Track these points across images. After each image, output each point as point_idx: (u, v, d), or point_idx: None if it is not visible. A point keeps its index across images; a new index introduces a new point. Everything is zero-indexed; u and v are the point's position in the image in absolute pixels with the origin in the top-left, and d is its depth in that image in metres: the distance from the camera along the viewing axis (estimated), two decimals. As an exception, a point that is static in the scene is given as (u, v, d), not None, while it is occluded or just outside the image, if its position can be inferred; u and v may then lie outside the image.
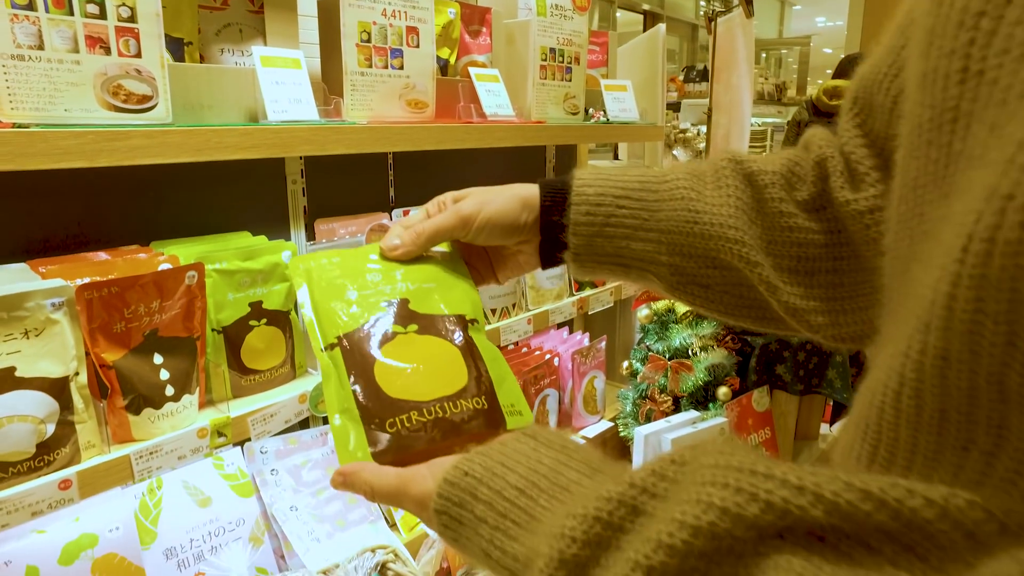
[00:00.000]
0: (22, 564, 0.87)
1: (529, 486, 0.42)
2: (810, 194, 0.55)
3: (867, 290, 0.55)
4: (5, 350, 0.77)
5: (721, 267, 0.56)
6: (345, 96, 1.08)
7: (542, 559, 0.35)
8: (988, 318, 0.26)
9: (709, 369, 1.69)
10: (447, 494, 0.44)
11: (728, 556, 0.29)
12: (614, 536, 0.33)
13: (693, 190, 0.57)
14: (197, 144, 0.87)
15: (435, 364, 0.56)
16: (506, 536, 0.40)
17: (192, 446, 0.94)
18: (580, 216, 0.58)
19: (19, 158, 0.73)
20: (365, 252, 0.63)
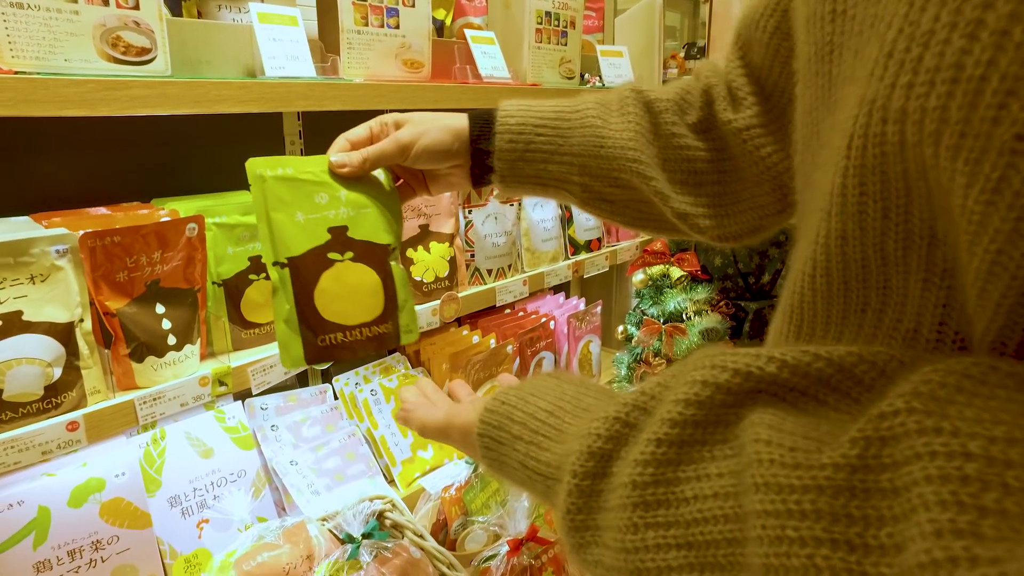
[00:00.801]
0: (34, 505, 0.89)
1: (556, 409, 0.48)
2: (698, 117, 0.64)
3: (745, 196, 0.64)
4: (12, 294, 0.79)
5: (623, 186, 0.65)
6: (342, 54, 1.09)
7: (574, 455, 0.42)
8: (869, 198, 0.32)
9: (703, 333, 1.71)
10: (488, 419, 0.52)
11: (717, 425, 0.36)
12: (630, 432, 0.40)
13: (600, 118, 0.65)
14: (196, 96, 0.88)
15: (361, 293, 0.72)
16: (539, 448, 0.47)
17: (194, 394, 0.96)
18: (504, 144, 0.67)
19: (20, 104, 0.74)
20: (315, 163, 0.72)
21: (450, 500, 1.17)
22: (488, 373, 1.47)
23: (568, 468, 0.42)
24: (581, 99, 0.68)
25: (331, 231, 0.72)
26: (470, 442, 0.54)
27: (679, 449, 0.36)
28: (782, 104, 0.59)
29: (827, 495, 0.28)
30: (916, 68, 0.28)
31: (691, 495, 0.35)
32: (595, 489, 0.41)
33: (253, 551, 0.92)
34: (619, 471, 0.39)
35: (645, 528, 0.36)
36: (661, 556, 0.35)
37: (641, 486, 0.37)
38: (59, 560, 0.92)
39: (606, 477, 0.40)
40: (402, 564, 0.96)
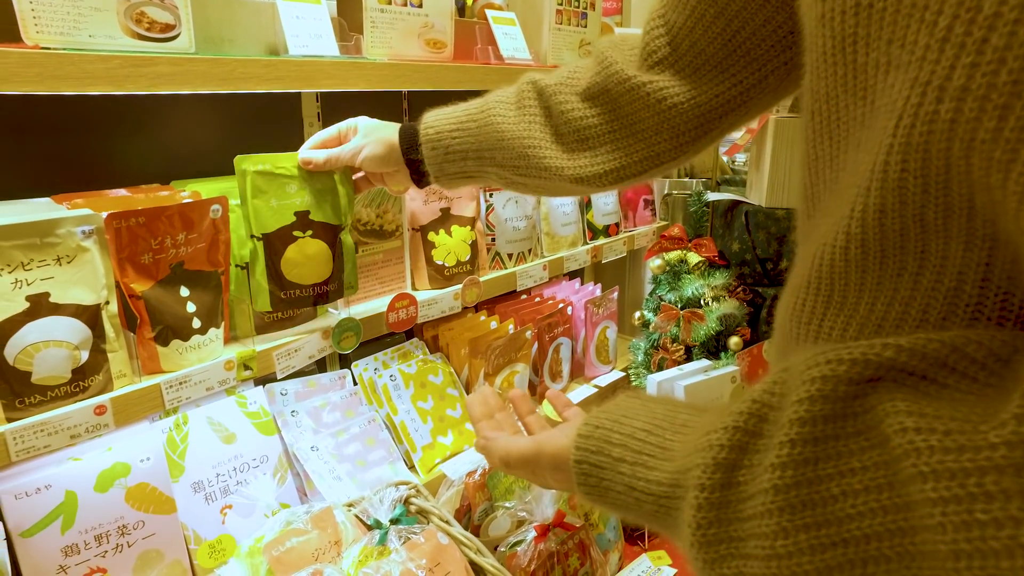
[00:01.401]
0: (61, 489, 0.88)
1: (653, 427, 0.49)
2: (588, 84, 0.73)
3: (639, 147, 0.72)
4: (39, 275, 0.78)
5: (529, 169, 0.78)
6: (365, 33, 1.07)
7: (696, 469, 0.42)
8: (909, 174, 0.35)
9: (721, 319, 1.70)
10: (584, 445, 0.51)
11: (846, 419, 0.35)
12: (751, 440, 0.40)
13: (500, 115, 0.78)
14: (222, 74, 0.87)
15: (316, 261, 1.01)
16: (646, 468, 0.47)
17: (219, 378, 0.95)
18: (428, 152, 0.83)
19: (48, 80, 0.72)
20: (288, 160, 0.97)
21: (474, 485, 1.16)
22: (507, 359, 1.46)
23: (692, 483, 0.42)
24: (487, 99, 0.81)
25: (296, 214, 0.98)
26: (563, 469, 0.53)
27: (814, 447, 0.36)
28: (697, 62, 0.66)
29: (1010, 474, 0.28)
30: (980, 49, 0.30)
31: (838, 492, 0.35)
32: (725, 500, 0.40)
33: (281, 537, 0.91)
34: (750, 479, 0.39)
35: (796, 531, 0.35)
36: (819, 557, 0.35)
37: (784, 490, 0.36)
38: (86, 544, 0.91)
39: (735, 487, 0.40)
40: (431, 550, 0.95)
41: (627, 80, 0.69)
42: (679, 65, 0.66)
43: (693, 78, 0.66)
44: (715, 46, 0.64)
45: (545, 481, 0.60)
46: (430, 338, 1.50)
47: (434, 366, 1.42)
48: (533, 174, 0.78)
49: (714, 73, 0.65)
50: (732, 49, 0.63)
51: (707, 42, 0.64)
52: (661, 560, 1.36)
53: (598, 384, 1.72)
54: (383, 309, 1.13)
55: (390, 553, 0.93)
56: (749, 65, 0.63)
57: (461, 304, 1.25)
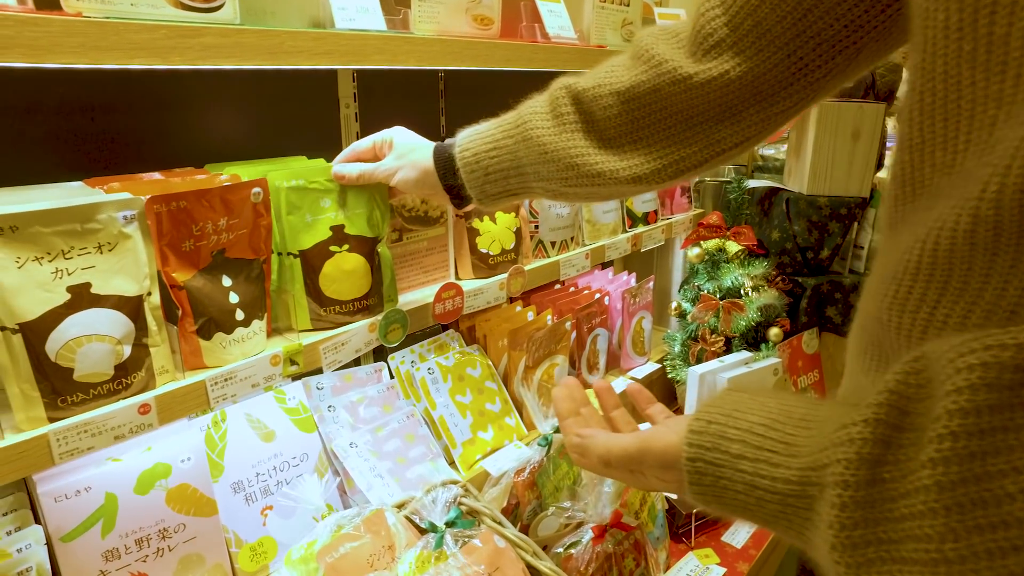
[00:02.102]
0: (101, 491, 0.83)
1: (771, 422, 0.46)
2: (636, 81, 0.68)
3: (698, 139, 0.68)
4: (80, 264, 0.72)
5: (574, 177, 0.74)
6: (412, 7, 1.01)
7: (837, 465, 0.38)
8: None
9: (761, 309, 1.65)
10: (698, 442, 0.48)
11: (1014, 409, 0.32)
12: (893, 434, 0.37)
13: (538, 127, 0.75)
14: (270, 47, 0.80)
15: (354, 276, 0.96)
16: (769, 464, 0.44)
17: (265, 373, 0.89)
18: (467, 175, 0.81)
19: (91, 52, 0.66)
20: (320, 173, 0.93)
21: (524, 484, 1.11)
22: (548, 351, 1.40)
23: (831, 480, 0.38)
24: (520, 113, 0.78)
25: (332, 228, 0.94)
26: (673, 468, 0.50)
27: (980, 440, 0.32)
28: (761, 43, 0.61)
29: None
30: None
31: (1015, 489, 0.31)
32: (871, 499, 0.36)
33: (334, 542, 0.86)
34: (899, 476, 0.36)
35: (968, 534, 0.32)
36: (999, 563, 0.31)
37: (949, 487, 0.33)
38: (127, 549, 0.86)
39: (882, 484, 0.36)
40: (489, 553, 0.90)
41: (681, 78, 0.65)
42: (740, 46, 0.62)
43: (754, 60, 0.62)
44: (783, 26, 0.59)
45: (647, 482, 0.56)
46: (466, 329, 1.45)
47: (471, 358, 1.37)
48: (585, 183, 0.74)
49: (779, 56, 0.61)
50: (801, 29, 0.58)
51: (774, 21, 0.59)
52: (709, 559, 1.32)
53: (634, 376, 1.67)
54: (427, 300, 1.08)
55: (447, 558, 0.88)
56: (818, 47, 0.59)
57: (506, 295, 1.20)
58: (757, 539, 1.37)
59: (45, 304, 0.69)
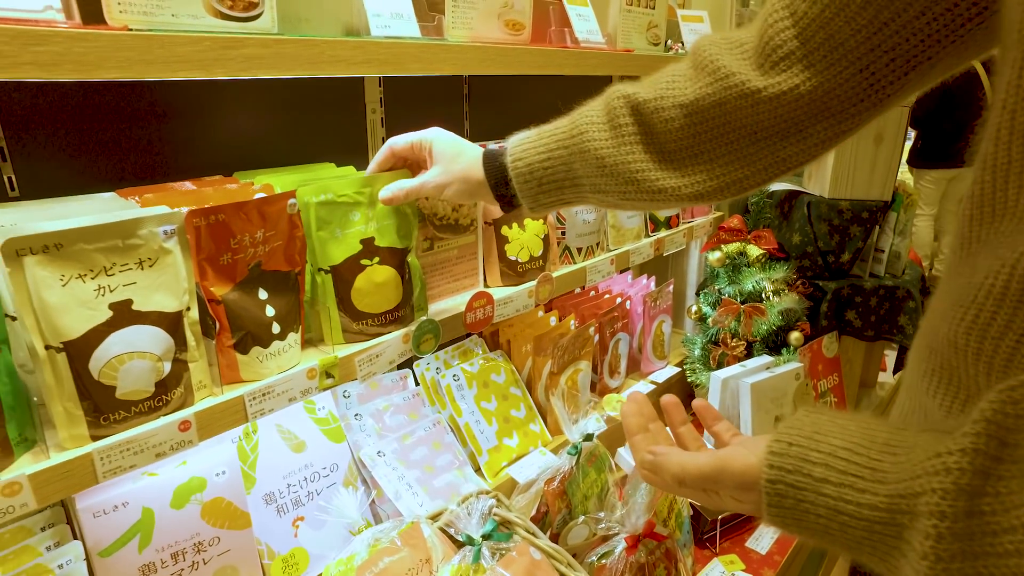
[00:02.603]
0: (138, 506, 0.82)
1: (854, 446, 0.45)
2: (699, 95, 0.65)
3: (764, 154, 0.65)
4: (122, 281, 0.71)
5: (631, 191, 0.72)
6: (447, 12, 0.99)
7: (933, 495, 0.37)
8: None
9: (782, 313, 1.64)
10: (779, 463, 0.47)
11: None
12: (993, 465, 0.36)
13: (595, 139, 0.72)
14: (311, 56, 0.79)
15: (385, 288, 0.95)
16: (855, 490, 0.43)
17: (302, 387, 0.88)
18: (520, 185, 0.79)
19: (137, 65, 0.65)
20: (349, 186, 0.90)
21: (554, 493, 1.11)
22: (572, 356, 1.40)
23: (926, 510, 0.38)
24: (575, 121, 0.75)
25: (362, 242, 0.93)
26: (751, 490, 0.49)
27: None
28: (833, 57, 0.58)
29: None
30: None
31: None
32: (970, 531, 0.36)
33: (374, 557, 0.85)
34: (1001, 510, 0.35)
35: None
36: None
37: None
38: (163, 563, 0.86)
39: (981, 516, 0.36)
40: (526, 566, 0.89)
41: (748, 93, 0.62)
42: (810, 60, 0.59)
43: (825, 75, 0.59)
44: (857, 39, 0.56)
45: (723, 502, 0.56)
46: (489, 335, 1.44)
47: (496, 364, 1.36)
48: (644, 198, 0.72)
49: (851, 71, 0.58)
50: (876, 43, 0.56)
51: (848, 35, 0.56)
52: (734, 565, 1.31)
53: (655, 380, 1.66)
54: (457, 308, 1.07)
55: (485, 572, 0.88)
56: (892, 62, 0.56)
57: (535, 301, 1.19)
58: (781, 545, 1.37)
59: (88, 322, 0.68)
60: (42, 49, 0.58)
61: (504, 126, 1.47)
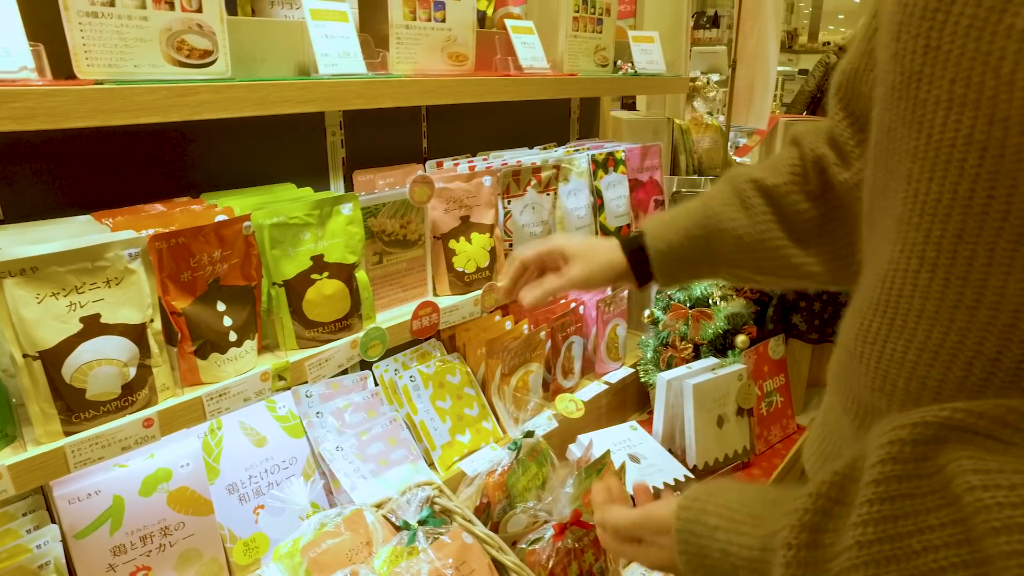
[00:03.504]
0: (109, 494, 0.93)
1: (745, 501, 0.54)
2: (814, 187, 0.73)
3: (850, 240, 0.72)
4: (91, 298, 0.82)
5: (767, 268, 0.78)
6: (391, 49, 1.10)
7: (784, 530, 0.46)
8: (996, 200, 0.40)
9: (728, 318, 1.74)
10: (685, 515, 0.57)
11: (921, 478, 0.39)
12: (833, 505, 0.45)
13: (731, 220, 0.79)
14: (259, 98, 0.90)
15: (334, 300, 1.07)
16: (738, 534, 0.52)
17: (256, 389, 0.99)
18: (659, 265, 0.86)
19: (100, 114, 0.76)
20: (299, 209, 1.03)
21: (494, 484, 1.22)
22: (523, 359, 1.50)
23: (780, 543, 0.46)
24: (706, 204, 0.82)
25: (312, 259, 1.05)
26: (666, 534, 0.59)
27: (892, 505, 0.40)
28: None
29: None
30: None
31: (920, 547, 0.38)
32: (812, 559, 0.44)
33: (317, 538, 0.96)
34: (836, 541, 0.43)
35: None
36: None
37: (867, 545, 0.40)
38: (132, 545, 0.97)
39: (821, 548, 0.44)
40: (457, 549, 1.00)
41: (852, 187, 0.68)
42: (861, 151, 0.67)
43: None
44: None
45: (648, 553, 0.64)
46: (447, 338, 1.54)
47: (451, 366, 1.47)
48: (780, 272, 0.78)
49: None
50: None
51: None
52: (669, 553, 1.42)
53: (608, 380, 1.77)
54: (405, 316, 1.17)
55: (419, 553, 0.99)
56: None
57: (481, 310, 1.29)
58: (716, 534, 1.47)
59: (61, 334, 0.79)
60: (18, 105, 0.69)
61: (461, 144, 1.58)
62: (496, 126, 1.66)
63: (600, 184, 1.63)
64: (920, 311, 0.46)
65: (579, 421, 1.61)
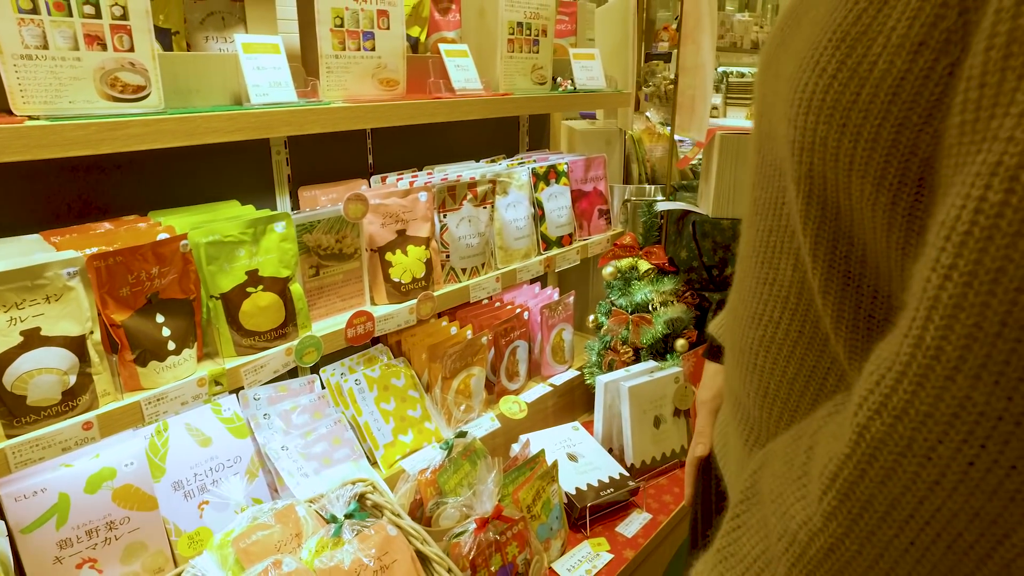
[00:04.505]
0: (55, 492, 1.02)
1: None
2: None
3: None
4: (31, 313, 0.90)
5: None
6: (321, 78, 1.18)
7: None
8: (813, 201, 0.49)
9: (668, 323, 1.83)
10: None
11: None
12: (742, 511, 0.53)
13: None
14: (188, 130, 0.98)
15: (269, 311, 1.16)
16: None
17: (193, 393, 1.08)
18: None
19: (34, 149, 0.84)
20: (236, 227, 1.12)
21: (426, 482, 1.30)
22: (464, 363, 1.59)
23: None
24: None
25: (247, 273, 1.14)
26: None
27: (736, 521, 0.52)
28: None
29: None
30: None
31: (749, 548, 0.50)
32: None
33: (248, 531, 1.05)
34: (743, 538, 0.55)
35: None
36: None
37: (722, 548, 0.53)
38: (78, 539, 1.05)
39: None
40: (380, 541, 1.09)
41: None
42: None
43: None
44: None
45: None
46: (394, 343, 1.63)
47: (396, 370, 1.56)
48: None
49: None
50: None
51: None
52: (600, 546, 1.51)
53: (553, 383, 1.86)
54: (340, 325, 1.26)
55: (343, 544, 1.07)
56: None
57: (416, 318, 1.38)
58: (647, 529, 1.56)
59: (1, 346, 0.88)
60: (-46, 144, 0.78)
61: (409, 158, 1.67)
62: (444, 140, 1.75)
63: (541, 196, 1.72)
64: (752, 291, 0.55)
65: (524, 421, 1.69)
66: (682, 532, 1.69)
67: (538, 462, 1.47)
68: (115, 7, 0.93)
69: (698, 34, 2.01)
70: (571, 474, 1.61)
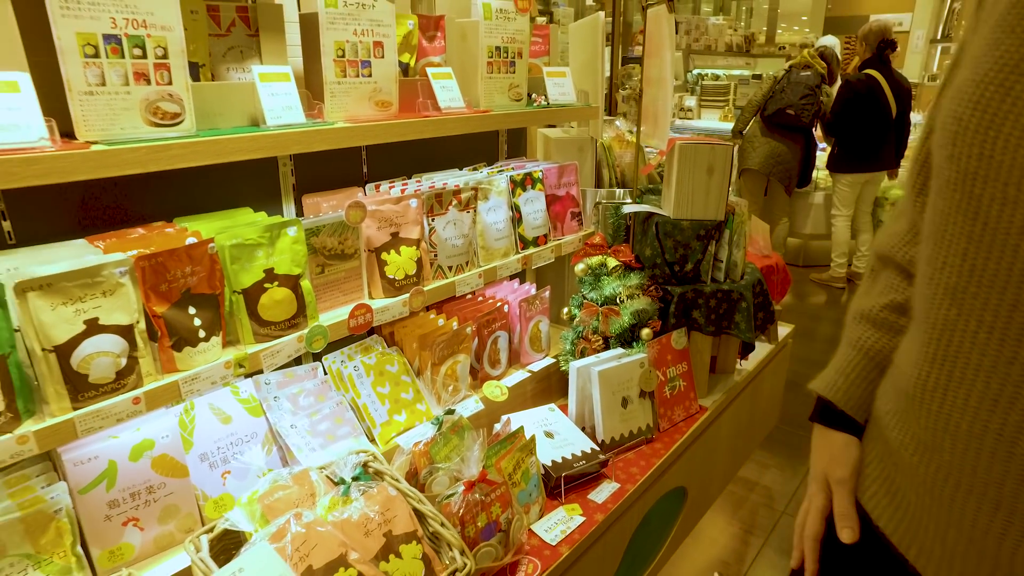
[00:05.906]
0: (105, 459, 1.19)
1: None
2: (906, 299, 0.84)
3: None
4: (92, 305, 1.08)
5: None
6: (326, 101, 1.37)
7: None
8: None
9: (634, 314, 2.04)
10: None
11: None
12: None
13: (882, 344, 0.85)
14: (218, 150, 1.16)
15: (283, 304, 1.34)
16: None
17: (221, 374, 1.26)
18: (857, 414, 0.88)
19: (99, 169, 1.02)
20: (254, 231, 1.29)
21: (420, 453, 1.49)
22: (451, 351, 1.78)
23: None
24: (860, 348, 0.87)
25: (265, 271, 1.32)
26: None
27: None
28: None
29: None
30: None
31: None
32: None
33: (271, 490, 1.23)
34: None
35: None
36: None
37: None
38: (124, 500, 1.23)
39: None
40: (383, 499, 1.28)
41: None
42: None
43: None
44: None
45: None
46: (388, 334, 1.82)
47: (390, 358, 1.74)
48: None
49: None
50: None
51: None
52: (574, 511, 1.71)
53: (532, 369, 2.05)
54: (345, 316, 1.44)
55: (352, 502, 1.26)
56: None
57: (408, 310, 1.57)
58: (615, 496, 1.76)
59: (69, 333, 1.05)
60: (37, 167, 0.95)
61: (400, 167, 1.85)
62: (430, 150, 1.94)
63: (519, 200, 1.92)
64: (978, 365, 0.54)
65: (505, 404, 1.89)
66: (648, 500, 1.90)
67: (518, 436, 1.66)
68: (157, 48, 1.11)
69: (661, 50, 2.22)
70: (548, 449, 1.81)
